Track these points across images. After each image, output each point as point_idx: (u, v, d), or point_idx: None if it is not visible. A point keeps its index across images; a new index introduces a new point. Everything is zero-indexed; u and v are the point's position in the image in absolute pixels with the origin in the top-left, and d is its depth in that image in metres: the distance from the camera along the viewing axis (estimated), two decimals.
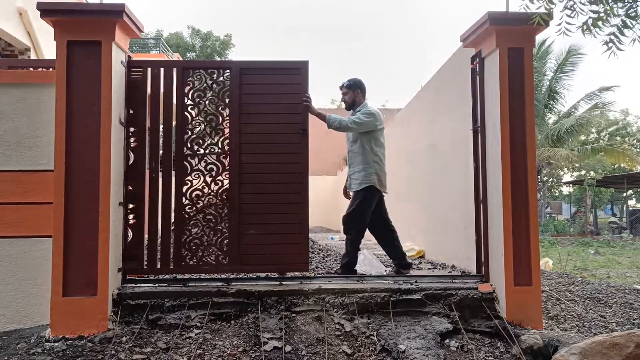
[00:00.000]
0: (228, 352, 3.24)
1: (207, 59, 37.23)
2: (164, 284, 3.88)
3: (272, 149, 4.06)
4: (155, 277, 4.02)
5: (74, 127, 3.59)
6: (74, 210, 3.55)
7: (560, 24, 2.98)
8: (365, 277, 4.19)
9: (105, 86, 3.62)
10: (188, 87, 4.04)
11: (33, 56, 8.04)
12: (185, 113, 4.02)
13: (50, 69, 4.07)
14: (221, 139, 4.04)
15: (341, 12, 78.50)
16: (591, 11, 2.94)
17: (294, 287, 3.82)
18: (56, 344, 3.33)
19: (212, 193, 4.00)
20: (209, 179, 4.02)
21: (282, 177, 4.04)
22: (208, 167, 4.01)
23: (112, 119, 3.64)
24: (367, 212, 4.58)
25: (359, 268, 4.71)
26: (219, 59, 37.83)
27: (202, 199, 3.98)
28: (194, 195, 3.98)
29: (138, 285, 3.85)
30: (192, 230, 3.96)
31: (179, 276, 4.12)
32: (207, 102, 4.06)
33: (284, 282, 3.95)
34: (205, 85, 4.06)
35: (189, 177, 3.99)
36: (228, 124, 4.05)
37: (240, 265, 3.99)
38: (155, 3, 63.65)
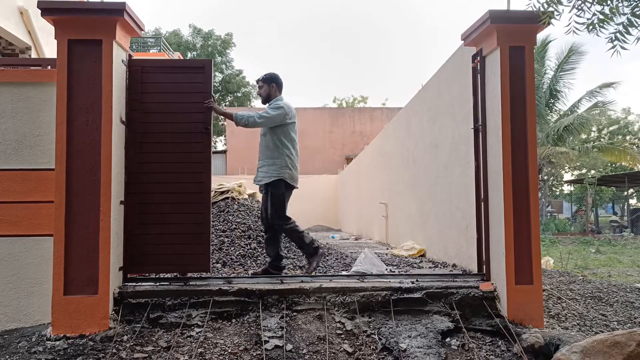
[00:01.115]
0: (229, 350, 3.24)
1: (207, 58, 37.22)
2: (165, 283, 3.88)
3: (173, 148, 4.02)
4: (156, 276, 4.02)
5: (75, 126, 3.59)
6: (75, 209, 3.55)
7: (569, 24, 2.98)
8: (366, 276, 4.20)
9: (106, 85, 3.62)
10: None
11: (34, 55, 8.04)
12: None
13: (51, 68, 4.06)
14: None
15: (341, 11, 78.42)
16: (597, 12, 2.94)
17: (295, 285, 3.82)
18: (57, 342, 3.33)
19: None
20: None
21: (183, 176, 4.00)
22: None
23: (113, 118, 3.64)
24: (286, 205, 4.57)
25: (360, 267, 4.71)
26: (220, 58, 37.89)
27: None
28: None
29: (139, 284, 3.85)
30: None
31: (179, 275, 4.12)
32: None
33: (284, 281, 3.95)
34: None
35: None
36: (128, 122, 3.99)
37: (139, 266, 3.95)
38: (156, 3, 63.63)
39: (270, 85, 4.63)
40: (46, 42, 8.06)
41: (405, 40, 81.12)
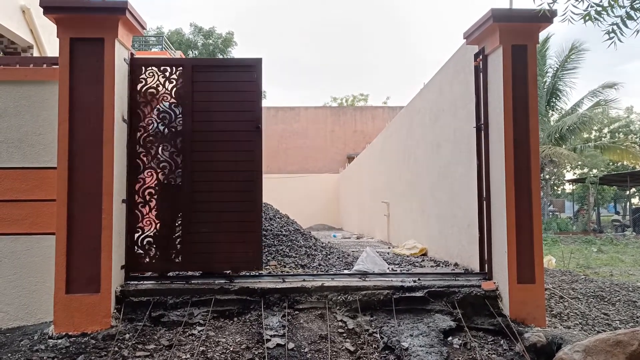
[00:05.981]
0: (231, 349, 3.24)
1: (209, 57, 37.28)
2: (167, 282, 3.88)
3: (225, 146, 4.03)
4: (158, 275, 4.02)
5: (77, 125, 3.59)
6: (77, 208, 3.55)
7: (564, 14, 2.99)
8: (368, 275, 4.19)
9: (108, 83, 3.62)
10: (140, 85, 3.97)
11: (36, 54, 8.04)
12: (138, 111, 3.95)
13: (54, 66, 4.07)
14: (174, 137, 3.99)
15: (340, 9, 78.34)
16: (595, 4, 2.94)
17: (297, 284, 3.82)
18: (59, 340, 3.34)
19: (165, 191, 3.96)
20: (161, 177, 3.97)
21: (235, 175, 4.02)
22: (161, 165, 3.97)
23: (115, 116, 3.63)
24: None
25: (362, 266, 4.71)
26: (220, 56, 37.89)
27: (155, 197, 3.94)
28: (146, 193, 3.93)
29: (141, 282, 3.85)
30: (145, 228, 3.92)
31: (181, 273, 4.12)
32: (159, 99, 4.01)
33: (286, 280, 3.95)
34: (157, 82, 4.00)
35: (142, 175, 3.94)
36: (181, 122, 4.00)
37: (192, 263, 3.98)
38: (158, 1, 63.62)
39: None
40: (48, 41, 8.06)
41: (408, 39, 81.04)
